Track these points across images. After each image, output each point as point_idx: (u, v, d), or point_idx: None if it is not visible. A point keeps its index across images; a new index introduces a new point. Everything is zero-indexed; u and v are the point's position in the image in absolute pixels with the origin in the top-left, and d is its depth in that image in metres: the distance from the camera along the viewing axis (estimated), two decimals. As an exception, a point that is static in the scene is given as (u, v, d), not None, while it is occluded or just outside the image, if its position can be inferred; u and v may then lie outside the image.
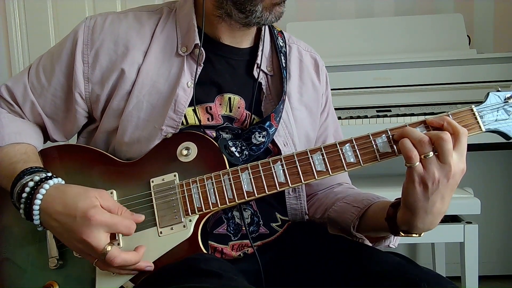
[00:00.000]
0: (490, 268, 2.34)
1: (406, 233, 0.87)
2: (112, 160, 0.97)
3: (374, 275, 0.84)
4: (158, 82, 0.97)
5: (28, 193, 0.85)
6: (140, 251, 0.85)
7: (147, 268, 0.85)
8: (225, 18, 0.97)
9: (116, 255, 0.81)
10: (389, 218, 0.89)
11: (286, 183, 0.88)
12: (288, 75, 1.07)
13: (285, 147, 1.02)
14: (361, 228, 0.98)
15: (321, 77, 1.14)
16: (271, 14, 0.94)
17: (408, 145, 0.80)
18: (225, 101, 1.00)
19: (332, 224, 1.04)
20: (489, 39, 2.36)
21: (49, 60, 1.03)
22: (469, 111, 0.86)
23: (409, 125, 0.85)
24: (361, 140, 0.87)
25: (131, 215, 0.87)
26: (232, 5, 0.94)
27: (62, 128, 1.05)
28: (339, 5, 2.41)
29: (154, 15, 1.03)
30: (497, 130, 0.87)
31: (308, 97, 1.10)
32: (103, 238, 0.81)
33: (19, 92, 1.02)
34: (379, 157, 0.86)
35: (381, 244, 1.01)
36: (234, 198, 0.88)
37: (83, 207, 0.81)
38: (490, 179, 2.30)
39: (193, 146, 0.93)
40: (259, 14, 0.93)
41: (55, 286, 0.90)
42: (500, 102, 0.87)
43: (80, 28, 1.00)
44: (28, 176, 0.87)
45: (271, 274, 0.99)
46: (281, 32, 1.10)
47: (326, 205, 1.07)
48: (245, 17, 0.94)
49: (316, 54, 1.16)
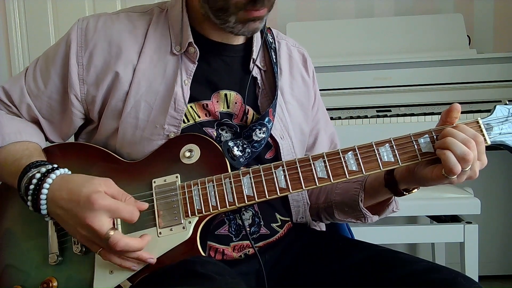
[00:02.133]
0: (490, 268, 2.34)
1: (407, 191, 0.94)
2: (115, 159, 0.97)
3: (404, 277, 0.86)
4: (154, 82, 0.98)
5: (36, 185, 0.86)
6: (144, 239, 0.85)
7: (148, 260, 0.85)
8: (207, 18, 0.97)
9: (119, 238, 0.81)
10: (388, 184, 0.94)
11: (287, 189, 0.88)
12: (279, 70, 1.08)
13: (282, 140, 1.03)
14: (366, 199, 1.01)
15: (309, 72, 1.15)
16: (244, 27, 0.93)
17: (453, 159, 0.81)
18: (222, 97, 1.01)
19: (339, 208, 1.06)
20: (489, 39, 2.36)
21: (45, 63, 1.03)
22: (475, 123, 0.86)
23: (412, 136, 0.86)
24: (364, 148, 0.87)
25: (134, 202, 0.87)
26: (209, 9, 0.94)
27: (59, 129, 1.06)
28: (339, 5, 2.41)
29: (146, 16, 1.03)
30: (502, 144, 0.86)
31: (299, 92, 1.11)
32: (106, 223, 0.81)
33: (16, 94, 1.03)
34: (381, 166, 0.86)
35: (386, 211, 1.03)
36: (234, 202, 0.88)
37: (87, 192, 0.81)
38: (490, 179, 2.31)
39: (196, 149, 0.93)
40: (232, 25, 0.92)
41: (54, 282, 0.90)
42: (507, 115, 0.87)
43: (73, 30, 1.01)
44: (35, 169, 0.88)
45: (272, 275, 0.99)
46: (270, 28, 1.11)
47: (326, 189, 1.09)
48: (220, 23, 0.94)
49: (303, 49, 1.18)
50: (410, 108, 1.97)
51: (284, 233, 1.05)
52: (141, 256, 0.85)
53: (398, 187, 0.94)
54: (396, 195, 0.96)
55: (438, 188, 1.76)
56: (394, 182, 0.94)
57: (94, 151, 0.99)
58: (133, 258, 0.85)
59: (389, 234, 1.76)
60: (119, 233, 0.82)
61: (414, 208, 1.78)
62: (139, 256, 0.84)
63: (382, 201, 1.02)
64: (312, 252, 1.02)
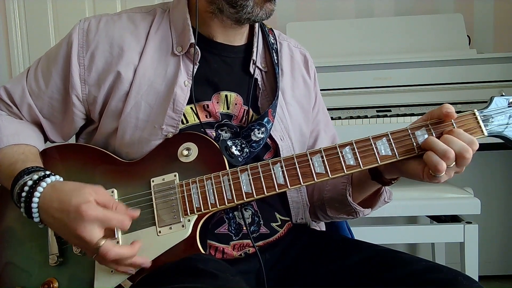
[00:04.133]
0: (490, 268, 2.34)
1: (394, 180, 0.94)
2: (114, 159, 0.97)
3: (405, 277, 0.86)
4: (155, 82, 0.98)
5: (27, 192, 0.86)
6: (135, 246, 0.85)
7: (143, 265, 0.85)
8: (217, 14, 0.98)
9: (109, 248, 0.81)
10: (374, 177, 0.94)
11: (285, 185, 0.88)
12: (280, 71, 1.08)
13: (282, 141, 1.03)
14: (355, 193, 1.01)
15: (310, 73, 1.16)
16: (261, 10, 0.95)
17: (436, 158, 0.81)
18: (222, 98, 1.01)
19: (330, 204, 1.06)
20: (489, 39, 2.36)
21: (46, 63, 1.04)
22: (471, 115, 0.85)
23: (409, 128, 0.85)
24: (362, 143, 0.87)
25: (125, 210, 0.87)
26: (224, 0, 0.95)
27: (60, 129, 1.06)
28: (339, 5, 2.41)
29: (148, 16, 1.03)
30: (499, 135, 0.86)
31: (300, 93, 1.12)
32: (96, 233, 0.81)
33: (17, 95, 1.03)
34: (379, 160, 0.86)
35: (378, 203, 1.03)
36: (233, 199, 0.88)
37: (76, 203, 0.81)
38: (490, 179, 2.31)
39: (194, 147, 0.93)
40: (249, 9, 0.94)
41: (55, 283, 0.90)
42: (504, 106, 0.86)
43: (75, 31, 1.01)
44: (27, 176, 0.88)
45: (271, 275, 0.99)
46: (271, 29, 1.12)
47: (319, 187, 1.09)
48: (236, 12, 0.95)
49: (305, 50, 1.18)
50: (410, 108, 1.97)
51: (284, 233, 1.05)
52: (134, 262, 0.85)
53: (384, 177, 0.93)
54: (384, 185, 0.96)
55: (438, 188, 1.76)
56: (379, 173, 0.93)
57: (92, 152, 1.00)
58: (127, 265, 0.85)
59: (389, 234, 1.76)
60: (109, 243, 0.82)
61: (414, 208, 1.78)
62: (133, 263, 0.85)
63: (372, 193, 1.02)
64: (312, 252, 1.02)
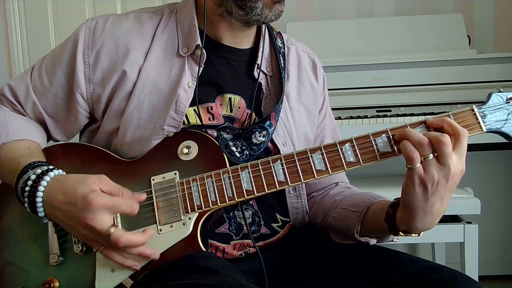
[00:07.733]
0: (490, 268, 2.33)
1: (405, 233, 0.87)
2: (114, 158, 0.98)
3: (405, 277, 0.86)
4: (159, 83, 0.98)
5: (31, 187, 0.86)
6: (147, 233, 0.85)
7: (152, 255, 0.85)
8: (225, 16, 0.97)
9: (121, 235, 0.81)
10: (388, 219, 0.89)
11: (286, 182, 0.88)
12: (286, 75, 1.07)
13: (284, 147, 1.02)
14: (363, 230, 0.97)
15: (318, 78, 1.14)
16: (271, 12, 0.94)
17: (409, 146, 0.80)
18: (226, 101, 1.00)
19: (335, 231, 1.04)
20: (489, 39, 2.36)
21: (51, 61, 1.04)
22: (470, 111, 0.86)
23: (409, 125, 0.85)
24: (361, 139, 0.87)
25: (132, 195, 0.87)
26: (233, 2, 0.94)
27: (63, 127, 1.06)
28: (338, 5, 2.41)
29: (155, 16, 1.03)
30: (498, 131, 0.86)
31: (306, 98, 1.10)
32: (106, 220, 0.81)
33: (22, 92, 1.03)
34: (379, 156, 0.86)
35: (384, 240, 1.00)
36: (233, 197, 0.88)
37: (83, 193, 0.81)
38: (490, 179, 2.30)
39: (194, 145, 0.93)
40: (259, 11, 0.93)
41: (55, 282, 0.90)
42: (502, 102, 0.86)
43: (81, 29, 1.01)
44: (31, 170, 0.88)
45: (272, 274, 0.99)
46: (280, 33, 1.11)
47: (325, 209, 1.07)
48: (245, 14, 0.95)
49: (314, 55, 1.17)
50: (410, 108, 1.97)
51: (285, 233, 1.05)
52: (144, 252, 0.84)
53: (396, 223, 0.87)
54: (391, 232, 0.90)
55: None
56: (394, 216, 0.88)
57: (92, 151, 1.00)
58: (135, 254, 0.84)
59: (389, 234, 1.76)
60: (120, 230, 0.82)
61: (414, 208, 1.78)
62: (142, 252, 0.84)
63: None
64: (313, 252, 1.02)
